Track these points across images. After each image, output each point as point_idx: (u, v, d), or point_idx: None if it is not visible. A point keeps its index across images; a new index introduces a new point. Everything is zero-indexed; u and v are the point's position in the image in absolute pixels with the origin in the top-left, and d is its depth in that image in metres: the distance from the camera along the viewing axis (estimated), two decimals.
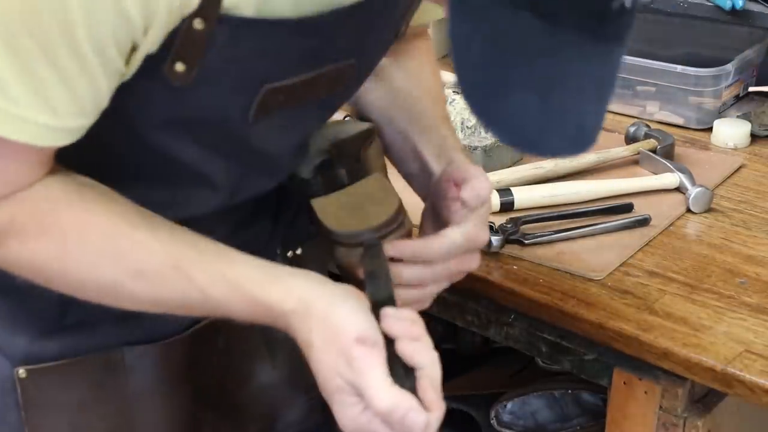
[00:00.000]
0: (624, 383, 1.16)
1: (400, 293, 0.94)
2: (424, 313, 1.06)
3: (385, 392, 0.81)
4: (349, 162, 1.06)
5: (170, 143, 0.89)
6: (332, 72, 0.91)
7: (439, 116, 1.10)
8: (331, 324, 0.84)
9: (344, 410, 0.84)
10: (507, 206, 1.38)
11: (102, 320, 0.98)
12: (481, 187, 1.00)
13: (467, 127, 1.48)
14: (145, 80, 0.82)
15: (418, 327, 0.86)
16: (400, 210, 1.01)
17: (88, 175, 0.87)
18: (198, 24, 0.79)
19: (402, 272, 0.97)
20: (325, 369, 0.85)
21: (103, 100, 0.81)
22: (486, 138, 1.48)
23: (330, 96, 0.95)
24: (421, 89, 1.12)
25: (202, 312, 0.90)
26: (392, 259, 0.97)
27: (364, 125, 1.12)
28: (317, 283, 0.88)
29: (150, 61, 0.81)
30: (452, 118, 1.48)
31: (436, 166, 1.05)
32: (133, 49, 0.79)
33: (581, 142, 0.77)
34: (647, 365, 1.13)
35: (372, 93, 1.10)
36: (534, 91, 0.74)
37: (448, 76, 1.74)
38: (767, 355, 1.07)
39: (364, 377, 0.82)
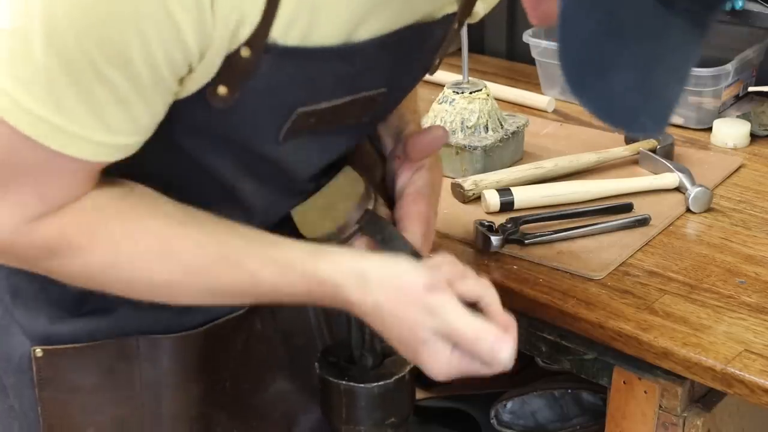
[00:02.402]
0: (624, 383, 1.16)
1: None
2: None
3: (471, 323, 0.87)
4: None
5: (204, 153, 0.91)
6: (364, 99, 0.93)
7: (404, 106, 1.11)
8: (397, 283, 0.88)
9: (435, 358, 0.88)
10: (507, 206, 1.38)
11: (120, 307, 1.00)
12: (422, 138, 1.03)
13: (467, 127, 1.48)
14: (186, 99, 0.84)
15: (459, 264, 0.91)
16: (367, 197, 1.01)
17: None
18: (245, 52, 0.81)
19: None
20: (406, 326, 0.88)
21: (158, 116, 0.83)
22: (486, 138, 1.48)
23: (360, 123, 0.97)
24: None
25: (257, 297, 0.92)
26: None
27: None
28: (364, 254, 0.93)
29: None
30: (452, 119, 1.48)
31: (391, 147, 1.08)
32: (189, 71, 0.81)
33: (663, 122, 0.80)
34: (647, 365, 1.13)
35: None
36: (635, 71, 0.75)
37: (448, 76, 1.74)
38: (767, 354, 1.07)
39: (446, 317, 0.87)
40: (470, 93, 1.50)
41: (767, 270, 1.24)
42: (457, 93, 1.50)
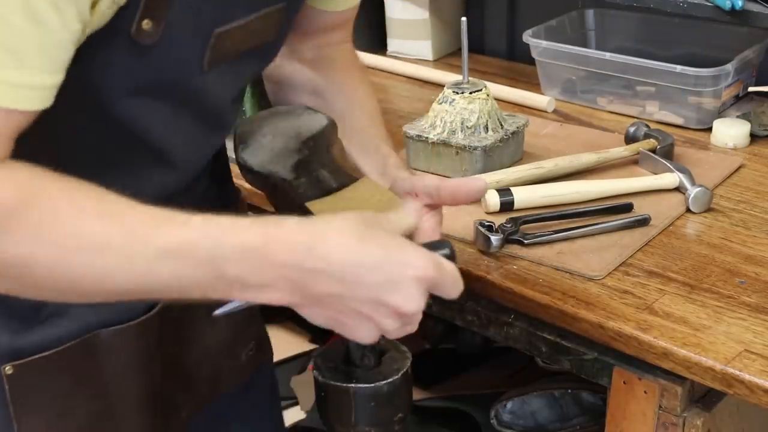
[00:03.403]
0: (624, 383, 1.16)
1: None
2: (423, 313, 1.06)
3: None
4: (324, 159, 1.07)
5: (135, 114, 0.91)
6: (268, 16, 0.97)
7: (378, 136, 1.16)
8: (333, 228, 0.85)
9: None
10: (507, 206, 1.38)
11: (76, 306, 0.99)
12: (462, 187, 1.06)
13: (467, 127, 1.48)
14: (110, 45, 0.84)
15: None
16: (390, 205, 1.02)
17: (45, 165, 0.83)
18: None
19: None
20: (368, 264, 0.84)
21: (69, 49, 0.80)
22: (486, 138, 1.48)
23: (262, 46, 1.01)
24: (359, 111, 1.19)
25: (198, 263, 0.82)
26: None
27: (323, 117, 1.14)
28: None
29: (118, 21, 0.83)
30: (452, 119, 1.48)
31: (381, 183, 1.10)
32: None
33: None
34: (647, 365, 1.13)
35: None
36: None
37: (448, 76, 1.75)
38: (767, 354, 1.07)
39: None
40: (470, 93, 1.50)
41: (767, 270, 1.24)
42: (457, 93, 1.50)
